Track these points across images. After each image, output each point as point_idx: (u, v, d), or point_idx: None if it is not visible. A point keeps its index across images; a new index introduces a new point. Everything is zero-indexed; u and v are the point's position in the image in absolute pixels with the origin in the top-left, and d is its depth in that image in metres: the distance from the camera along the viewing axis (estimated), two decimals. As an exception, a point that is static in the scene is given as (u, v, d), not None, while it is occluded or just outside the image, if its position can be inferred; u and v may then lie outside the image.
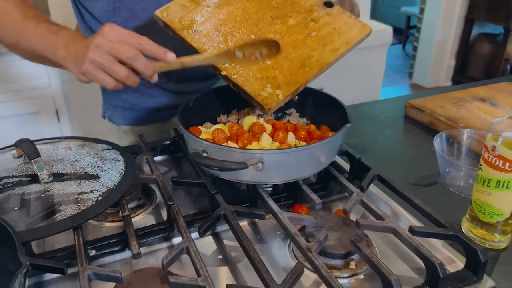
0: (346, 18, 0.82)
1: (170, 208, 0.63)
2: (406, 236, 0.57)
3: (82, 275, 0.51)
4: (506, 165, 0.58)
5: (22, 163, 0.68)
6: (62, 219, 0.58)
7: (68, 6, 0.95)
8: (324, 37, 0.79)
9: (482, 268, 0.55)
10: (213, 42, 0.75)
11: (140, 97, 0.98)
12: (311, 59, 0.77)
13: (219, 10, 0.79)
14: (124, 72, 0.63)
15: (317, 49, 0.78)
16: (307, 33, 0.79)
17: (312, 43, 0.79)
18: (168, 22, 0.75)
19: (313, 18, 0.81)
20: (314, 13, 0.82)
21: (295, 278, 0.51)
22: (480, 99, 1.06)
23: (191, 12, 0.77)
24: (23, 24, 0.72)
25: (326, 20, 0.81)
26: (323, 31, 0.80)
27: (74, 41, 0.67)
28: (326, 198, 0.74)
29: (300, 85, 0.76)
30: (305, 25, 0.80)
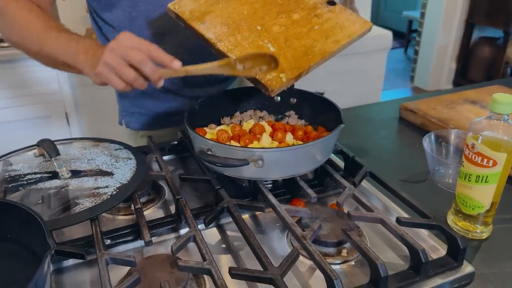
0: (348, 15, 0.86)
1: (178, 201, 0.69)
2: (393, 226, 0.62)
3: (100, 260, 0.57)
4: (484, 161, 0.63)
5: (43, 161, 0.75)
6: (81, 211, 0.64)
7: (75, 16, 1.01)
8: (326, 30, 0.84)
9: (462, 255, 0.60)
10: (221, 32, 0.80)
11: (156, 103, 1.04)
12: (314, 48, 0.81)
13: (227, 4, 0.85)
14: (132, 75, 0.69)
15: (320, 40, 0.82)
16: (310, 27, 0.84)
17: (315, 35, 0.83)
18: (179, 13, 0.81)
19: (316, 14, 0.86)
20: (318, 10, 0.87)
21: (291, 262, 0.57)
22: (471, 102, 1.12)
23: (201, 5, 0.83)
24: (45, 33, 0.78)
25: (328, 16, 0.86)
26: (325, 25, 0.84)
27: (92, 47, 0.74)
28: (322, 193, 0.79)
29: (303, 70, 0.79)
30: (309, 20, 0.85)
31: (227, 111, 0.92)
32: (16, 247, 0.57)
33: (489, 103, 0.63)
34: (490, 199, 0.66)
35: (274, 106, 0.94)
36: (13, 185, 0.69)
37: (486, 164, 0.63)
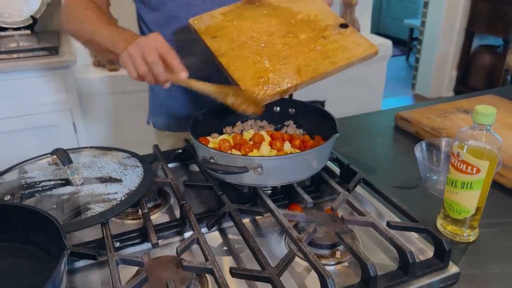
0: (356, 37, 0.89)
1: (182, 206, 0.74)
2: (383, 229, 0.67)
3: (111, 260, 0.62)
4: (468, 169, 0.68)
5: (56, 169, 0.80)
6: (92, 216, 0.69)
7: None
8: (327, 51, 0.86)
9: (447, 256, 0.64)
10: (227, 47, 0.87)
11: (182, 105, 1.11)
12: (308, 67, 0.84)
13: (241, 22, 0.91)
14: (144, 70, 0.78)
15: (317, 60, 0.85)
16: (313, 47, 0.87)
17: (315, 55, 0.86)
18: (196, 28, 0.89)
19: (324, 35, 0.89)
20: (327, 31, 0.90)
21: (287, 262, 0.61)
22: (464, 111, 1.16)
23: (218, 22, 0.90)
24: (96, 25, 0.91)
25: (335, 38, 0.89)
26: (328, 47, 0.87)
27: (131, 37, 0.84)
28: (318, 199, 0.84)
29: (290, 87, 0.82)
30: (315, 40, 0.89)
31: (229, 121, 0.97)
32: (34, 248, 0.62)
33: (472, 115, 0.67)
34: (475, 204, 0.70)
35: (273, 116, 0.99)
36: (29, 191, 0.74)
37: (470, 172, 0.68)
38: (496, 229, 0.77)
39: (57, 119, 1.95)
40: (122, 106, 2.11)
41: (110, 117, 2.13)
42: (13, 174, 0.80)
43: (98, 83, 2.04)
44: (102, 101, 2.07)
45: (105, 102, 2.08)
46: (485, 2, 3.61)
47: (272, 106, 0.99)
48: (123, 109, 2.12)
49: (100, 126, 2.12)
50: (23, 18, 2.12)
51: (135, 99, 2.11)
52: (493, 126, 0.67)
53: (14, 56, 1.83)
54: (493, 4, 3.56)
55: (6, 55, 1.83)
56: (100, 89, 2.04)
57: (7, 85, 1.82)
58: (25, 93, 1.86)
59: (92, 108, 2.06)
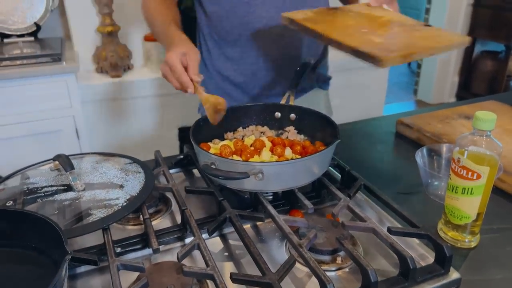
0: (446, 31, 0.95)
1: (183, 212, 0.74)
2: (383, 234, 0.67)
3: (112, 266, 0.62)
4: (469, 174, 0.68)
5: (58, 175, 0.80)
6: (93, 221, 0.69)
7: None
8: (427, 36, 0.90)
9: (448, 262, 0.64)
10: (334, 28, 0.90)
11: (226, 99, 1.13)
12: (415, 42, 0.87)
13: (334, 18, 0.97)
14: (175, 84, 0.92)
15: (420, 41, 0.88)
16: (412, 34, 0.91)
17: (417, 37, 0.90)
18: (293, 18, 0.93)
19: (416, 29, 0.94)
20: (417, 27, 0.95)
21: (288, 268, 0.61)
22: (465, 117, 1.16)
23: (312, 16, 0.96)
24: (162, 21, 1.07)
25: (428, 30, 0.94)
26: (426, 34, 0.92)
27: (178, 48, 0.93)
28: (319, 205, 0.84)
29: (415, 51, 0.83)
30: (410, 30, 0.93)
31: (231, 126, 0.98)
32: (35, 254, 0.62)
33: (472, 121, 0.67)
34: (476, 210, 0.70)
35: (274, 122, 0.99)
36: (31, 197, 0.75)
37: (471, 177, 0.68)
38: (498, 235, 0.77)
39: (60, 125, 1.96)
40: (124, 112, 2.12)
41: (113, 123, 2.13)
42: (16, 179, 0.80)
43: (101, 89, 2.05)
44: (105, 107, 2.08)
45: (107, 108, 2.09)
46: (486, 8, 3.62)
47: (273, 111, 0.99)
48: (125, 115, 2.13)
49: (102, 132, 2.13)
50: (27, 25, 2.13)
51: (137, 105, 2.13)
52: (495, 131, 0.67)
53: (17, 62, 1.85)
54: (494, 11, 3.57)
55: (10, 62, 1.84)
56: (102, 95, 2.05)
57: (11, 91, 1.83)
58: (28, 99, 1.87)
59: (95, 114, 2.07)
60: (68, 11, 2.08)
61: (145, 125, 2.18)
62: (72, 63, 1.92)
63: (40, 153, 0.97)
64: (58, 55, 1.90)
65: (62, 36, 2.30)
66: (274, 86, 1.18)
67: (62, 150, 0.88)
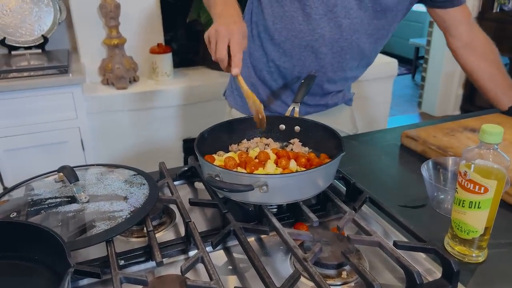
0: None
1: (187, 224, 0.73)
2: (389, 249, 0.66)
3: (115, 279, 0.61)
4: (476, 188, 0.67)
5: (63, 186, 0.80)
6: (97, 233, 0.69)
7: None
8: None
9: (456, 277, 0.63)
10: None
11: (251, 87, 1.15)
12: None
13: None
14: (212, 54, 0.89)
15: None
16: None
17: None
18: None
19: None
20: None
21: (292, 282, 0.61)
22: (470, 130, 1.15)
23: None
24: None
25: None
26: None
27: (228, 14, 0.94)
28: (324, 218, 0.83)
29: None
30: None
31: (235, 138, 0.98)
32: (38, 266, 0.62)
33: (479, 134, 0.67)
34: (483, 224, 0.69)
35: (279, 134, 0.99)
36: (35, 209, 0.75)
37: (478, 191, 0.67)
38: (506, 250, 0.75)
39: (66, 136, 1.97)
40: (129, 124, 2.13)
41: (118, 135, 2.14)
42: (20, 191, 0.80)
43: (107, 101, 2.06)
44: (110, 119, 2.09)
45: (113, 120, 2.10)
46: (490, 21, 3.63)
47: (278, 124, 0.99)
48: (130, 127, 2.14)
49: (107, 143, 2.13)
50: (34, 37, 2.17)
51: (142, 117, 2.14)
52: (501, 145, 0.67)
53: (25, 74, 1.87)
54: (498, 24, 3.58)
55: (17, 73, 1.86)
56: (108, 107, 2.07)
57: (17, 102, 1.85)
58: (35, 111, 1.89)
59: (100, 125, 2.08)
60: (75, 24, 2.11)
61: (150, 136, 2.19)
62: (78, 75, 1.93)
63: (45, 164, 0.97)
64: (65, 67, 1.92)
65: (69, 48, 2.33)
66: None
67: (67, 161, 0.88)
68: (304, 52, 1.11)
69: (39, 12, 2.16)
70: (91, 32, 2.11)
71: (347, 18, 1.06)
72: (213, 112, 2.15)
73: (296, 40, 1.10)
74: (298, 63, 1.13)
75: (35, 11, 2.15)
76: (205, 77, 2.26)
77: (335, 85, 1.20)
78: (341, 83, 1.22)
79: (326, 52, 1.10)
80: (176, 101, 2.16)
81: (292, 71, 1.15)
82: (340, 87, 1.23)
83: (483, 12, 3.69)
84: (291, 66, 1.14)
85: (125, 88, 2.09)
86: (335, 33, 1.07)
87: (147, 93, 2.11)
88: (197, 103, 2.18)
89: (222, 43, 0.86)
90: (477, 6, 3.70)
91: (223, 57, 0.87)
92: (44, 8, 2.17)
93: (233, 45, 0.86)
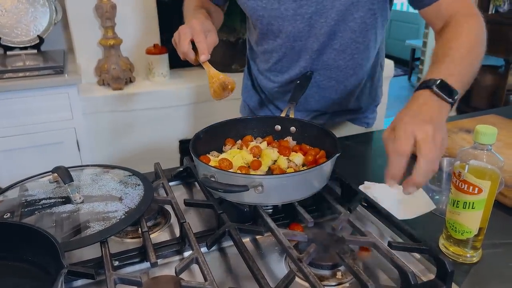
0: None
1: (182, 225, 0.73)
2: (384, 249, 0.66)
3: (109, 280, 0.61)
4: (470, 189, 0.67)
5: (57, 187, 0.80)
6: (91, 234, 0.69)
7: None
8: None
9: (450, 278, 0.63)
10: None
11: (262, 79, 1.21)
12: None
13: None
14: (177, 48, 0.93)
15: None
16: None
17: None
18: None
19: None
20: None
21: (287, 283, 0.61)
22: (466, 131, 1.16)
23: None
24: (189, 4, 1.10)
25: None
26: None
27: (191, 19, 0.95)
28: (319, 219, 0.83)
29: None
30: None
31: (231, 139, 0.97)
32: (32, 267, 0.61)
33: (473, 134, 0.67)
34: (477, 224, 0.70)
35: (275, 135, 0.99)
36: (29, 209, 0.74)
37: (472, 191, 0.67)
38: (500, 250, 0.76)
39: (61, 137, 1.96)
40: (125, 124, 2.12)
41: (114, 136, 2.14)
42: (14, 191, 0.80)
43: (102, 101, 2.06)
44: (106, 120, 2.09)
45: (109, 121, 2.09)
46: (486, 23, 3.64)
47: (274, 124, 0.99)
48: (126, 127, 2.13)
49: (103, 144, 2.13)
50: (30, 37, 2.16)
51: (138, 118, 2.13)
52: (496, 146, 0.67)
53: (20, 74, 1.86)
54: (493, 25, 3.58)
55: (13, 74, 1.85)
56: (104, 107, 2.06)
57: (13, 103, 1.84)
58: (30, 111, 1.88)
59: (96, 126, 2.07)
60: (71, 24, 2.10)
61: (146, 137, 2.19)
62: (74, 75, 1.93)
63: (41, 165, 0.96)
64: (61, 67, 1.91)
65: (65, 48, 2.32)
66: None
67: (63, 162, 0.88)
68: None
69: (35, 12, 2.15)
70: (87, 32, 2.11)
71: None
72: (209, 113, 2.14)
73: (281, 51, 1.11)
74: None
75: (30, 12, 2.14)
76: (201, 78, 2.26)
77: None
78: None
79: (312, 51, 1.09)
80: (172, 102, 2.15)
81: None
82: None
83: (478, 14, 3.70)
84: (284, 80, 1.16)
85: (121, 89, 2.09)
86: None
87: (143, 93, 2.11)
88: (193, 104, 2.18)
89: (184, 37, 0.90)
90: (473, 7, 3.71)
91: (185, 50, 0.90)
92: (40, 8, 2.16)
93: (196, 36, 0.89)
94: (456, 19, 0.91)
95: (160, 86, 2.17)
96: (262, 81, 1.23)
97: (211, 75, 0.92)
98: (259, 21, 1.05)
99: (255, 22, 1.08)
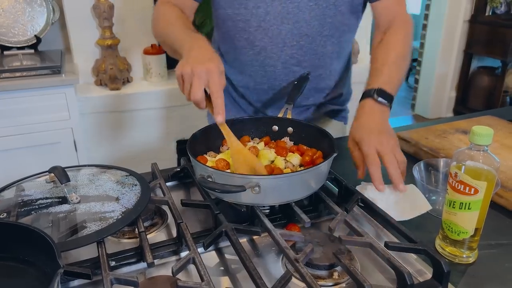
0: None
1: (179, 225, 0.73)
2: (380, 249, 0.66)
3: (105, 280, 0.61)
4: (466, 189, 0.68)
5: (54, 187, 0.80)
6: (88, 234, 0.69)
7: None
8: None
9: (446, 278, 0.63)
10: None
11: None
12: None
13: None
14: (186, 95, 0.81)
15: None
16: None
17: None
18: None
19: None
20: None
21: (284, 283, 0.61)
22: (462, 131, 1.16)
23: None
24: (174, 27, 0.98)
25: None
26: None
27: (197, 42, 0.89)
28: (316, 219, 0.83)
29: None
30: None
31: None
32: (28, 267, 0.61)
33: (469, 135, 0.67)
34: (473, 225, 0.70)
35: (272, 135, 0.99)
36: (25, 209, 0.74)
37: (468, 192, 0.67)
38: (496, 251, 0.76)
39: (58, 137, 1.96)
40: (123, 125, 2.12)
41: (111, 136, 2.13)
42: (11, 191, 0.80)
43: (100, 101, 2.06)
44: (103, 120, 2.09)
45: (106, 121, 2.09)
46: (482, 24, 3.67)
47: (271, 125, 0.99)
48: (124, 128, 2.13)
49: (100, 144, 2.13)
50: (27, 37, 2.15)
51: (136, 118, 2.13)
52: (492, 147, 0.67)
53: (17, 74, 1.86)
54: (490, 27, 3.61)
55: (10, 74, 1.85)
56: (101, 107, 2.06)
57: (10, 103, 1.83)
58: (27, 111, 1.88)
59: (93, 126, 2.07)
60: (69, 24, 2.10)
61: (143, 137, 2.19)
62: (71, 75, 1.92)
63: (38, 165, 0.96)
64: (58, 67, 1.91)
65: (62, 48, 2.32)
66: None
67: (60, 162, 0.87)
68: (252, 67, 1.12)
69: (32, 12, 2.15)
70: (84, 32, 2.11)
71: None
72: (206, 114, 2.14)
73: (241, 56, 1.12)
74: (250, 79, 1.15)
75: (28, 11, 2.14)
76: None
77: None
78: None
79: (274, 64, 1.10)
80: (169, 102, 2.15)
81: (249, 86, 1.17)
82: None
83: (475, 15, 3.73)
84: (245, 83, 1.17)
85: (119, 89, 2.09)
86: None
87: (141, 94, 2.11)
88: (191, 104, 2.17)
89: (198, 83, 0.77)
90: (470, 9, 3.74)
91: (199, 98, 0.78)
92: (37, 8, 2.16)
93: (213, 86, 0.78)
94: (396, 25, 1.05)
95: (158, 86, 2.17)
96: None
97: (234, 148, 0.83)
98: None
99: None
